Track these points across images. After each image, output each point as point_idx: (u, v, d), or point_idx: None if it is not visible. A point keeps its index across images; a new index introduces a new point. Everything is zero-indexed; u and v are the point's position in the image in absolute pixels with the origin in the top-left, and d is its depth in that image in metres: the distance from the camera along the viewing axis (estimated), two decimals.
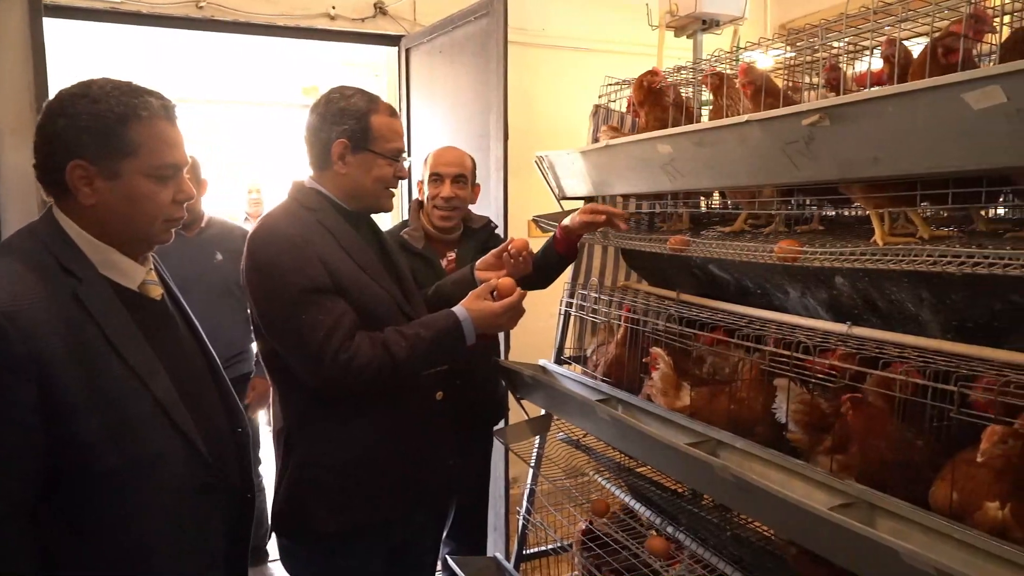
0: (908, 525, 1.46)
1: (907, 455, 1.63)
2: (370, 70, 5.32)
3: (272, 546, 3.72)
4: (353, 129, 1.80)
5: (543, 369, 2.83)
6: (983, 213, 1.86)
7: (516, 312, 1.88)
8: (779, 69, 2.17)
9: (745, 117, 1.69)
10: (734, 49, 2.55)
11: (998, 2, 1.62)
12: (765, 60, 2.29)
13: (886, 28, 1.74)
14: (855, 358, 1.72)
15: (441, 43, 3.81)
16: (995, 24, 1.56)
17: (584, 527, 2.65)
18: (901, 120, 1.39)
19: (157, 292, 1.57)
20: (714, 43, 3.27)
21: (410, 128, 4.22)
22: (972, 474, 1.40)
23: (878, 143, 1.45)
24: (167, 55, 6.04)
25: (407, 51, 4.15)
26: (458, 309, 1.83)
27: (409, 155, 2.01)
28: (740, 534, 2.12)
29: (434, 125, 3.98)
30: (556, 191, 2.88)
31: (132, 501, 1.39)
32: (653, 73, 2.29)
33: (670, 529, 2.46)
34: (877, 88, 1.45)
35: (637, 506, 2.52)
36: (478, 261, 2.20)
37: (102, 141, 1.37)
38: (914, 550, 1.20)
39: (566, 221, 2.49)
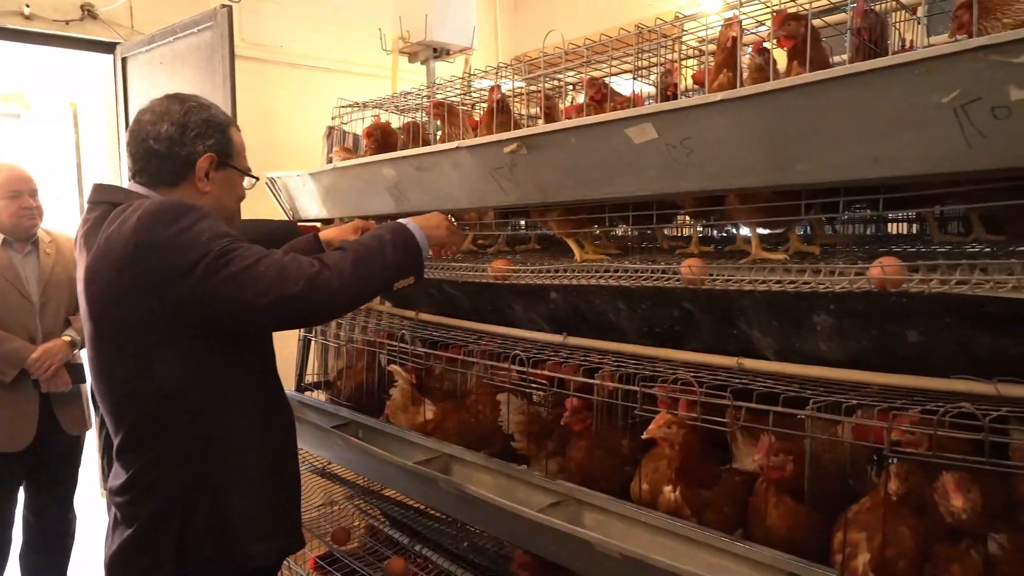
0: (609, 516, 1.61)
1: (612, 452, 1.81)
2: (84, 78, 4.75)
3: None
4: (219, 143, 1.61)
5: None
6: (665, 232, 2.14)
7: None
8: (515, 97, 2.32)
9: (454, 144, 1.77)
10: (465, 77, 2.68)
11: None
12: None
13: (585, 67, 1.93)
14: (565, 367, 1.87)
15: (162, 54, 3.53)
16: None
17: (319, 554, 2.58)
18: (583, 151, 1.55)
19: None
20: (447, 70, 3.41)
21: None
22: (656, 465, 1.58)
23: (567, 171, 1.60)
24: None
25: (124, 60, 3.79)
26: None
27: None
28: (476, 543, 2.20)
29: None
30: (290, 213, 2.80)
31: None
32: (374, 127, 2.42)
33: (418, 547, 2.49)
34: (560, 121, 1.60)
35: (382, 528, 2.51)
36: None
37: None
38: (602, 539, 1.32)
39: (327, 234, 2.39)
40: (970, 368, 1.33)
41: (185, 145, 1.56)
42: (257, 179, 1.73)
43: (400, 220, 1.62)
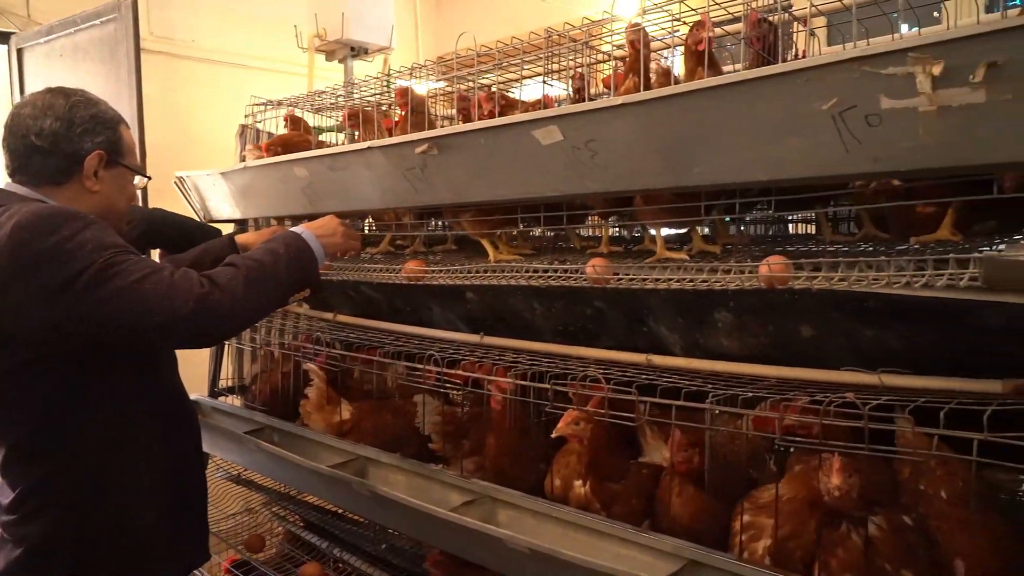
0: (523, 512, 1.64)
1: (526, 450, 1.83)
2: None
3: None
4: (110, 139, 1.52)
5: (195, 404, 2.63)
6: (579, 232, 2.18)
7: None
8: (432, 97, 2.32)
9: (366, 144, 1.76)
10: (382, 76, 2.66)
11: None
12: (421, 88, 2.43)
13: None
14: (480, 366, 1.88)
15: (62, 46, 3.36)
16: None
17: (231, 561, 2.52)
18: (492, 152, 1.56)
19: None
20: (367, 69, 3.37)
21: None
22: (567, 460, 1.61)
23: (477, 171, 1.62)
24: None
25: (19, 51, 3.59)
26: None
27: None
28: (395, 544, 2.19)
29: None
30: (202, 214, 2.71)
31: None
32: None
33: (336, 551, 2.46)
34: (470, 123, 1.61)
35: (300, 533, 2.47)
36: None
37: None
38: (512, 535, 1.34)
39: (243, 238, 2.32)
40: (859, 360, 1.42)
41: (72, 142, 1.47)
42: (150, 178, 1.67)
43: (294, 229, 1.58)
